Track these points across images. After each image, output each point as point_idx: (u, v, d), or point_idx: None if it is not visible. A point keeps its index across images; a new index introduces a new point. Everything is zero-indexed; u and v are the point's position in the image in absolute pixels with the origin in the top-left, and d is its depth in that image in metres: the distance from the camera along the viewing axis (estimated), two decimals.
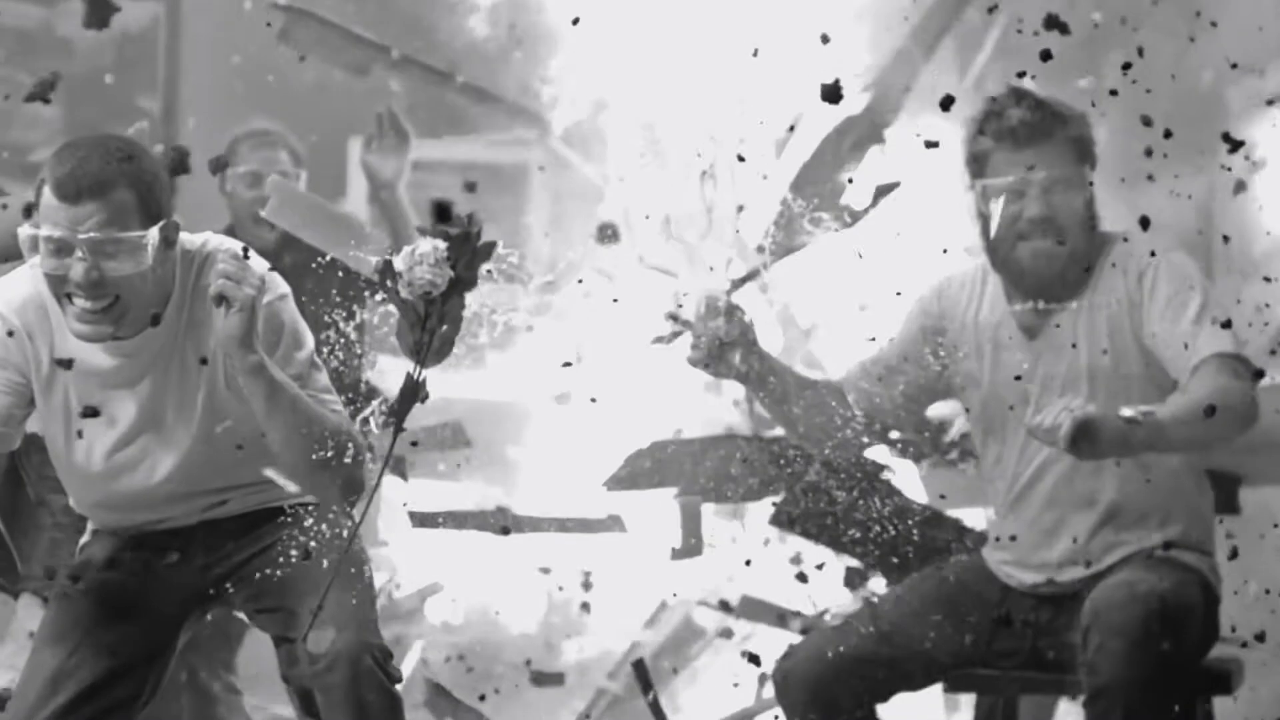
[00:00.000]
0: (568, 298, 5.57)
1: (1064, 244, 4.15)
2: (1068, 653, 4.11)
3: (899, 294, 4.39)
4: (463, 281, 3.39)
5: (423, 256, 3.37)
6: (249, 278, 3.47)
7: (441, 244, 3.37)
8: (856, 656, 4.19)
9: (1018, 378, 4.18)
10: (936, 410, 4.58)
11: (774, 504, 4.61)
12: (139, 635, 3.69)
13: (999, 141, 4.16)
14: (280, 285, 3.61)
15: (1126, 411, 3.87)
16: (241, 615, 3.83)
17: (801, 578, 4.69)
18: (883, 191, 4.72)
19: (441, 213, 3.41)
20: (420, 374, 3.42)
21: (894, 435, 4.49)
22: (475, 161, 6.39)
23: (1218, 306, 4.09)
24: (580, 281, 4.89)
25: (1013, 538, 4.24)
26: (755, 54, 4.35)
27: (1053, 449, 3.97)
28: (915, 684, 4.28)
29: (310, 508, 3.74)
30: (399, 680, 3.61)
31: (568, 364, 5.12)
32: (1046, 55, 4.07)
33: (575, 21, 4.70)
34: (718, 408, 5.55)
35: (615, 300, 4.49)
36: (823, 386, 4.35)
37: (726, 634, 5.58)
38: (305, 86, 5.84)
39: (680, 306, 4.15)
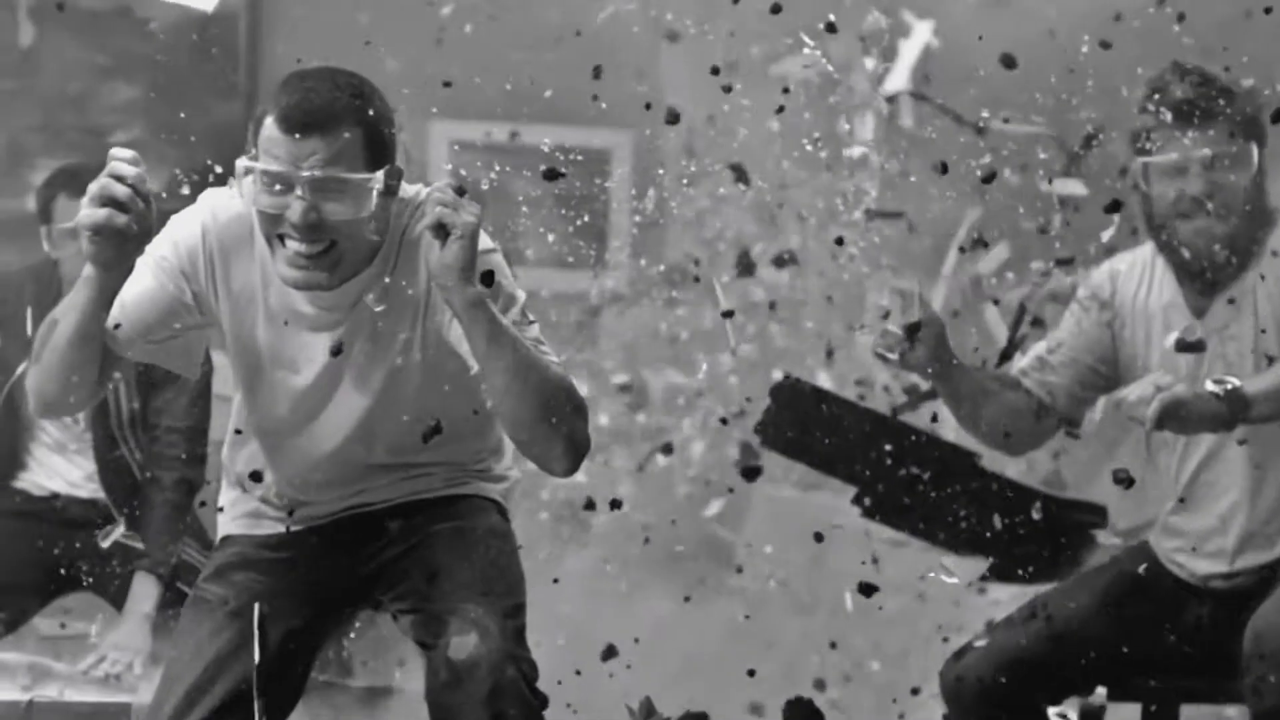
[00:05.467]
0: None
1: (1225, 222, 4.00)
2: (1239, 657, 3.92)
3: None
4: None
5: None
6: (468, 205, 3.23)
7: None
8: (1028, 659, 4.03)
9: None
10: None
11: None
12: (280, 644, 3.45)
13: (1162, 118, 4.02)
14: (489, 239, 3.37)
15: (1210, 386, 3.77)
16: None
17: None
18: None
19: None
20: None
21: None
22: (561, 144, 6.26)
23: None
24: None
25: (1180, 501, 4.10)
26: None
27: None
28: (1083, 687, 4.12)
29: (460, 502, 3.54)
30: (545, 703, 3.35)
31: None
32: None
33: None
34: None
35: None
36: (1002, 380, 4.21)
37: None
38: (388, 71, 5.68)
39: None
